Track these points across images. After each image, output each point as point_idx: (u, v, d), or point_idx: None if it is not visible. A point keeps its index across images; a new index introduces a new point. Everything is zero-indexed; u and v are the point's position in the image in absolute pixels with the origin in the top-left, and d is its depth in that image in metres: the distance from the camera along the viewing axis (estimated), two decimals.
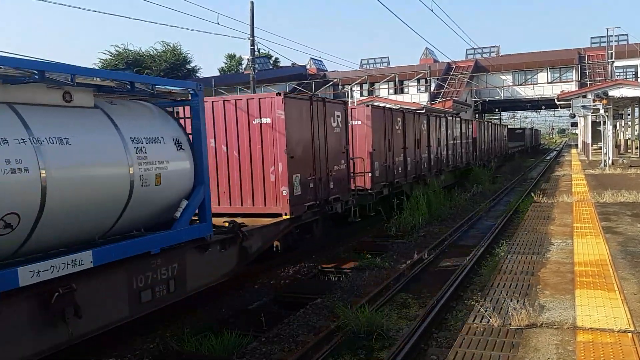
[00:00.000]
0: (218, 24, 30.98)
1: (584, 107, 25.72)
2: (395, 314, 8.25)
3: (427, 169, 20.16)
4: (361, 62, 65.16)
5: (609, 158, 27.07)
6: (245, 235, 8.72)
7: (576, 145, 64.96)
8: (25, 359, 5.39)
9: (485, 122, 34.34)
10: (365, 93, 55.07)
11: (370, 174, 14.92)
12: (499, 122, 56.79)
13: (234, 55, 65.16)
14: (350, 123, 14.20)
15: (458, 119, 25.95)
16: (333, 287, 9.67)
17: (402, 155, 17.57)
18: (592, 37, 57.26)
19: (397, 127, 17.15)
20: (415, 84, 54.34)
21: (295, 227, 11.02)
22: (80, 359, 6.96)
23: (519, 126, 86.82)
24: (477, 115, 57.85)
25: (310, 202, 11.24)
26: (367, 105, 15.90)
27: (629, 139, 39.41)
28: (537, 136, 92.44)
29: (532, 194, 17.54)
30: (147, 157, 6.64)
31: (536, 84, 52.45)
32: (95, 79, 6.35)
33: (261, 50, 47.91)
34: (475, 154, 28.91)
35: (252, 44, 26.51)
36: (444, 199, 19.10)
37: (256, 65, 29.34)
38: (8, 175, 5.11)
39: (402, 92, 54.75)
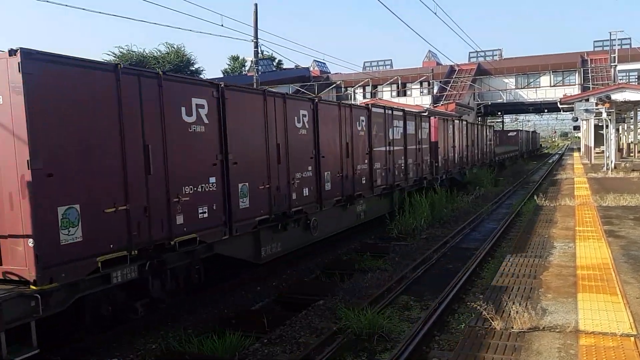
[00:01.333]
0: (222, 25, 30.98)
1: (586, 110, 25.71)
2: (397, 316, 8.25)
3: (312, 199, 11.33)
4: (364, 64, 65.25)
5: (611, 162, 27.05)
6: None
7: (579, 149, 64.88)
8: None
9: (457, 121, 25.27)
10: (368, 95, 55.08)
11: (32, 243, 5.75)
12: (479, 122, 46.86)
13: (238, 57, 65.28)
14: None
15: (399, 113, 17.01)
16: (335, 289, 9.67)
17: (217, 177, 8.46)
18: (595, 41, 57.23)
19: (190, 119, 7.92)
20: (418, 86, 54.33)
21: None
22: (82, 359, 6.98)
23: (518, 128, 75.51)
24: (479, 118, 57.81)
25: None
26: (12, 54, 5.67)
27: (632, 142, 39.35)
28: (536, 139, 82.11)
29: (535, 197, 17.53)
30: None
31: (539, 87, 52.38)
32: None
33: (264, 52, 48.04)
34: (435, 165, 20.42)
35: (256, 46, 26.56)
36: (446, 201, 19.08)
37: (259, 67, 29.38)
38: None
39: (405, 94, 54.78)
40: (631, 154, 37.46)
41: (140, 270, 7.16)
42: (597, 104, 25.59)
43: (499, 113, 66.19)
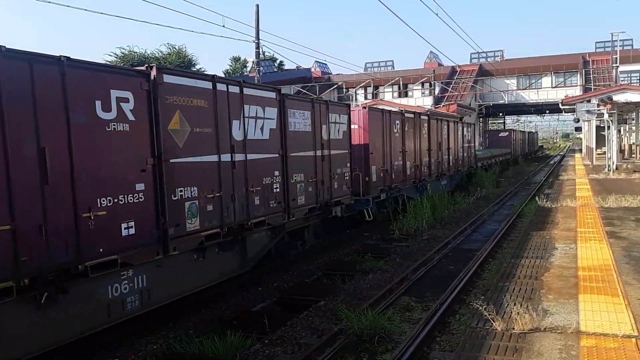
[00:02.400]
0: (223, 26, 31.02)
1: (588, 111, 25.70)
2: (398, 317, 8.25)
3: None
4: (365, 65, 65.34)
5: (613, 163, 27.02)
6: None
7: (580, 150, 64.79)
8: None
9: (410, 115, 18.21)
10: (369, 96, 55.12)
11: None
12: (444, 116, 32.83)
13: (239, 58, 65.29)
14: None
15: (268, 95, 9.97)
16: (336, 290, 9.68)
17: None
18: (596, 42, 57.25)
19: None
20: (420, 87, 54.37)
21: None
22: (83, 359, 6.99)
23: (512, 128, 62.56)
24: (481, 119, 57.77)
25: None
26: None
27: (633, 143, 39.30)
28: (533, 140, 72.29)
29: (536, 198, 17.51)
30: None
31: (540, 88, 52.38)
32: None
33: (266, 53, 48.08)
34: (366, 180, 14.43)
35: (257, 47, 26.57)
36: (447, 202, 19.08)
37: (261, 68, 29.40)
38: None
39: (406, 95, 54.79)
40: (633, 155, 37.42)
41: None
42: (598, 105, 25.58)
43: (501, 114, 66.17)
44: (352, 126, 14.00)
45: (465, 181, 24.71)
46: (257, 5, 26.03)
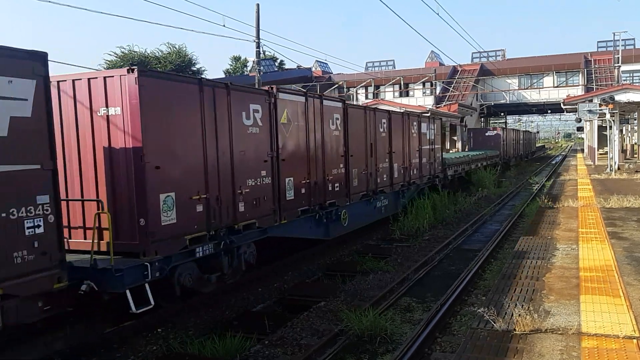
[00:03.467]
0: (224, 26, 31.29)
1: (590, 111, 25.64)
2: (399, 317, 8.23)
3: None
4: (366, 64, 65.32)
5: (615, 163, 26.97)
6: None
7: (582, 150, 64.69)
8: None
9: (282, 94, 10.38)
10: (370, 96, 55.11)
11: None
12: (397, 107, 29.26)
13: (239, 57, 65.26)
14: None
15: None
16: (337, 291, 9.66)
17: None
18: (598, 41, 57.14)
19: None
20: (421, 87, 54.33)
21: None
22: (83, 359, 6.98)
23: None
24: (482, 119, 57.71)
25: None
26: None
27: (635, 143, 39.23)
28: (531, 141, 63.89)
29: (537, 199, 17.48)
30: None
31: (542, 87, 52.33)
32: None
33: (266, 53, 48.04)
34: (140, 224, 7.12)
35: (258, 46, 26.57)
36: (448, 202, 19.04)
37: (261, 68, 29.37)
38: None
39: (407, 95, 54.76)
40: (635, 155, 37.37)
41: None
42: (600, 105, 25.53)
43: (502, 114, 66.14)
44: (111, 111, 7.34)
45: (426, 194, 18.46)
46: (258, 5, 26.04)
